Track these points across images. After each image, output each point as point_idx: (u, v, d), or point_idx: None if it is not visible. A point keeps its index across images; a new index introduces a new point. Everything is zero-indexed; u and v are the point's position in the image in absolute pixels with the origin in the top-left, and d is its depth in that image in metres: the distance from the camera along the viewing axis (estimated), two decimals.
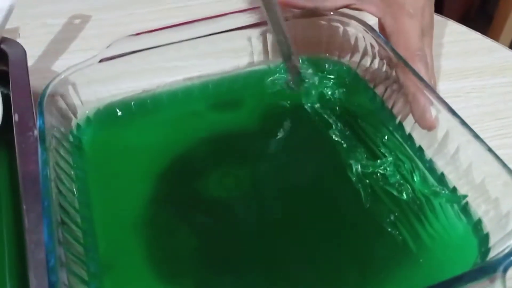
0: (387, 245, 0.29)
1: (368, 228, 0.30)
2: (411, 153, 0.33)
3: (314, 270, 0.29)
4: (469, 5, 1.10)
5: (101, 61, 0.36)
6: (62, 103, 0.35)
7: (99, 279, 0.28)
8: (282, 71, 0.39)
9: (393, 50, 0.35)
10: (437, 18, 0.49)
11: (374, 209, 0.31)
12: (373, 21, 0.39)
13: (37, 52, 0.47)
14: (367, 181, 0.32)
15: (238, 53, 0.40)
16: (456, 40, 0.48)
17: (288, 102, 0.38)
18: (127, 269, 0.30)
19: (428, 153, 0.33)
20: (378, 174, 0.32)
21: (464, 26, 0.50)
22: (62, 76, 0.34)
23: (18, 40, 0.40)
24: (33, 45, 0.48)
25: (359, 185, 0.32)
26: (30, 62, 0.39)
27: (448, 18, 0.51)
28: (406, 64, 0.33)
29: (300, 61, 0.39)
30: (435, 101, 0.31)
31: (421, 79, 0.32)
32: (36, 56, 0.47)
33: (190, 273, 0.30)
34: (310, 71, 0.39)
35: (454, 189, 0.31)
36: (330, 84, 0.38)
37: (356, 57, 0.39)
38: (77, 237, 0.29)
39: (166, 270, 0.30)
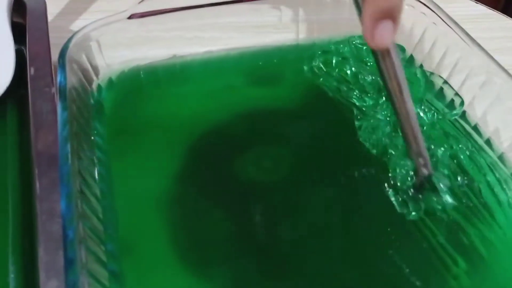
0: (452, 248, 0.25)
1: (428, 228, 0.26)
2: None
3: (368, 272, 0.25)
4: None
5: (130, 17, 0.32)
6: (84, 60, 0.31)
7: (117, 262, 0.25)
8: (330, 47, 0.35)
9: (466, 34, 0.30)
10: (489, 11, 0.46)
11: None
12: None
13: (55, 10, 0.43)
14: None
15: (281, 25, 0.36)
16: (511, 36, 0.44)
17: (334, 81, 0.34)
18: (148, 253, 0.26)
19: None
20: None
21: None
22: (88, 29, 0.30)
23: None
24: (51, 3, 0.44)
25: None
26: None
27: (502, 14, 0.47)
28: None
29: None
30: None
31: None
32: (54, 13, 0.43)
33: (220, 262, 0.26)
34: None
35: None
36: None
37: (414, 39, 0.35)
38: (96, 211, 0.25)
39: (192, 257, 0.26)
